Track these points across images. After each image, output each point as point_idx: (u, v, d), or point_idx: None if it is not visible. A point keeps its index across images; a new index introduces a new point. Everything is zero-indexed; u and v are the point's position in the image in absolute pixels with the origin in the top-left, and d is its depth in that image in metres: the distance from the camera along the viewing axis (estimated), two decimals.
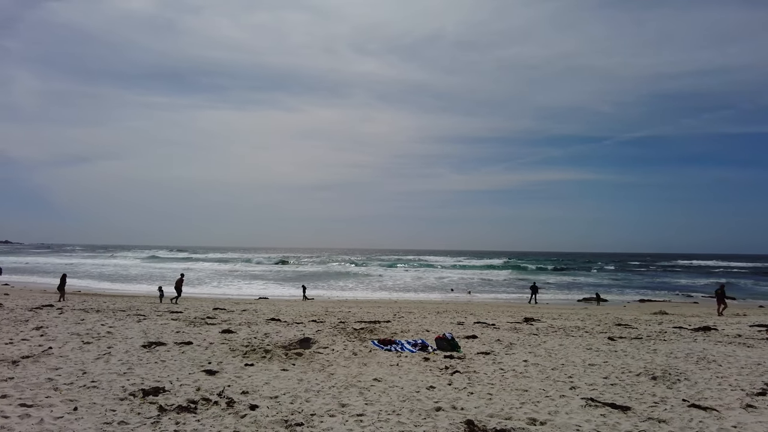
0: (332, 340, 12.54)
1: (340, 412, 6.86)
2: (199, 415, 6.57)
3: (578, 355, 11.47)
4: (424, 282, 49.70)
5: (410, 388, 8.29)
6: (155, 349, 10.83)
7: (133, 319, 15.51)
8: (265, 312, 19.87)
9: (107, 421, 6.19)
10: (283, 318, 17.42)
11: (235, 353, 10.75)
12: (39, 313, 16.58)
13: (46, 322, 14.42)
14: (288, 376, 8.87)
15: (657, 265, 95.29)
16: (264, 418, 6.49)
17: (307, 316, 18.67)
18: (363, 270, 69.43)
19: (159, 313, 17.85)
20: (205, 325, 14.85)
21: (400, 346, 11.69)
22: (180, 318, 16.26)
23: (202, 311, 19.03)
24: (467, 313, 21.46)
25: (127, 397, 7.22)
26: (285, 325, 15.25)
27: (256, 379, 8.63)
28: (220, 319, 16.50)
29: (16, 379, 8.03)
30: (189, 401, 7.07)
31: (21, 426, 5.84)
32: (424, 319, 18.34)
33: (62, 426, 5.93)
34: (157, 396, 7.35)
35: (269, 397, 7.47)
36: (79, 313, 16.70)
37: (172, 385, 8.01)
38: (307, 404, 7.19)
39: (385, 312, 21.12)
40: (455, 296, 37.09)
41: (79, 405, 6.77)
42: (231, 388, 7.93)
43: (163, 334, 12.87)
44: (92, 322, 14.65)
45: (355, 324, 15.86)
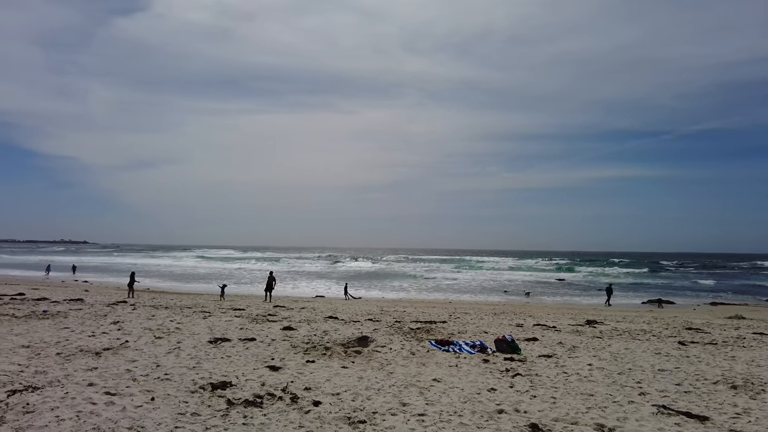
0: (389, 339, 12.60)
1: (401, 411, 6.88)
2: (265, 409, 6.78)
3: (646, 360, 10.94)
4: (478, 283, 48.98)
5: (471, 389, 8.20)
6: (221, 345, 11.29)
7: (199, 316, 16.25)
8: (323, 310, 20.25)
9: (181, 412, 6.51)
10: (340, 316, 17.69)
11: (297, 350, 11.02)
12: (115, 308, 17.72)
13: (122, 317, 15.38)
14: (348, 374, 9.00)
15: (729, 266, 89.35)
16: (327, 415, 6.62)
17: (363, 314, 18.86)
18: (415, 270, 69.32)
19: (223, 310, 18.60)
20: (267, 322, 15.33)
21: (458, 347, 11.58)
22: (243, 315, 16.87)
23: (263, 309, 19.66)
24: (525, 315, 20.97)
25: (198, 390, 7.57)
26: (342, 323, 15.48)
27: (317, 375, 8.81)
28: (280, 316, 16.98)
29: (100, 369, 8.62)
30: (255, 396, 7.31)
31: (107, 412, 6.27)
32: (481, 320, 18.08)
33: (142, 414, 6.30)
34: (224, 390, 7.65)
35: (331, 394, 7.61)
36: (150, 310, 17.69)
37: (238, 379, 8.32)
38: (368, 402, 7.27)
39: (440, 312, 21.01)
40: (511, 298, 36.30)
41: (155, 395, 7.17)
42: (294, 384, 8.14)
43: (228, 330, 13.40)
44: (162, 318, 15.47)
45: (411, 324, 15.86)
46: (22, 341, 10.82)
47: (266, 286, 26.39)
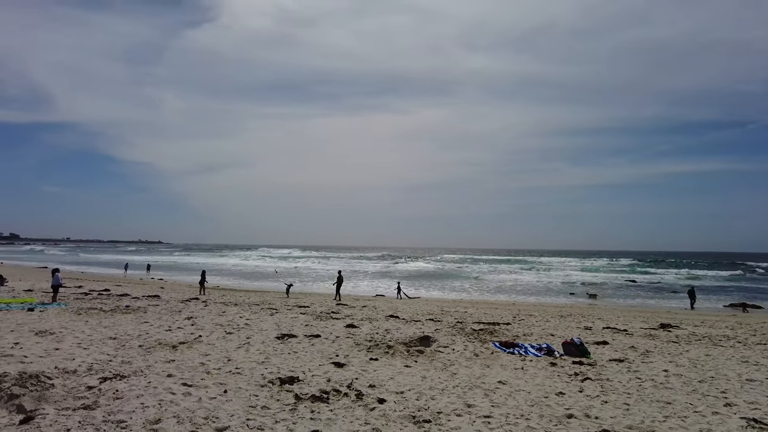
0: (452, 340, 12.51)
1: (466, 412, 6.82)
2: (331, 405, 6.93)
3: (731, 368, 10.19)
4: (543, 284, 47.52)
5: (538, 392, 7.98)
6: (288, 341, 11.65)
7: (267, 313, 16.86)
8: (383, 309, 20.41)
9: (252, 405, 6.78)
10: (401, 315, 17.76)
11: (360, 347, 11.18)
12: (188, 305, 18.73)
13: (195, 313, 16.24)
14: (411, 373, 9.02)
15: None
16: (392, 413, 6.66)
17: (424, 314, 18.83)
18: (476, 270, 68.29)
19: (288, 307, 19.20)
20: (331, 319, 15.67)
21: (524, 350, 11.30)
22: (307, 312, 17.34)
23: (326, 306, 20.10)
24: (594, 318, 20.13)
25: (267, 384, 7.85)
26: (404, 323, 15.53)
27: (381, 373, 8.89)
28: (343, 314, 17.29)
29: (177, 361, 9.15)
30: (321, 391, 7.49)
31: (185, 402, 6.64)
32: (546, 322, 17.55)
33: (216, 406, 6.62)
34: (292, 385, 7.89)
35: (395, 392, 7.66)
36: (220, 306, 18.55)
37: (305, 375, 8.55)
38: (432, 402, 7.25)
39: (503, 314, 20.59)
40: (579, 300, 34.92)
41: (227, 388, 7.52)
42: (359, 381, 8.26)
43: (294, 327, 13.81)
44: (232, 314, 16.19)
45: (473, 325, 15.66)
46: (110, 333, 11.69)
47: (336, 285, 26.87)
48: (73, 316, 14.24)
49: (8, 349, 9.46)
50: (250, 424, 5.97)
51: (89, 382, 7.37)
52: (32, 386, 6.63)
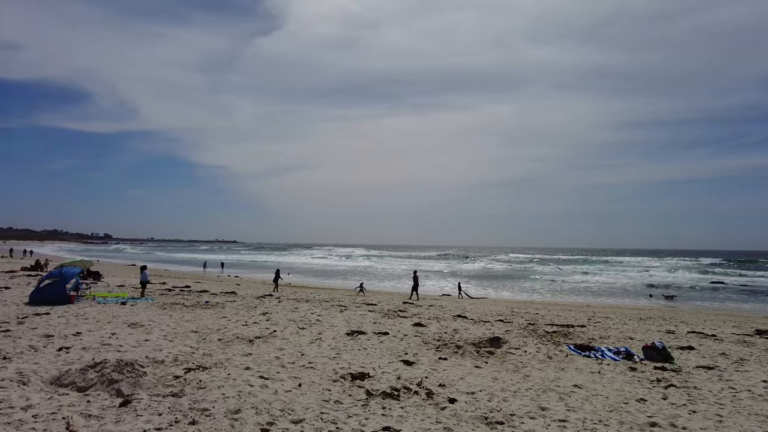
0: (523, 342, 12.19)
1: (540, 416, 6.62)
2: (402, 402, 6.98)
3: None
4: (621, 284, 45.12)
5: (617, 398, 7.60)
6: (357, 338, 11.85)
7: (336, 309, 17.24)
8: (451, 309, 20.24)
9: (325, 399, 6.97)
10: (469, 315, 17.53)
11: (428, 346, 11.17)
12: (263, 301, 19.54)
13: (269, 309, 16.90)
14: (482, 374, 8.89)
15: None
16: (464, 413, 6.60)
17: (493, 315, 18.47)
18: (546, 269, 66.02)
19: (357, 304, 19.52)
20: (398, 317, 15.76)
21: (601, 353, 10.80)
22: (375, 310, 17.54)
23: (393, 304, 20.23)
24: (677, 321, 18.85)
25: (339, 379, 8.04)
26: (472, 323, 15.33)
27: (450, 373, 8.83)
28: (410, 312, 17.33)
29: (254, 355, 9.57)
30: (392, 388, 7.55)
31: (262, 394, 6.95)
32: (624, 325, 16.66)
33: (291, 398, 6.86)
34: (363, 381, 8.02)
35: (466, 393, 7.58)
36: (293, 303, 19.18)
37: (375, 372, 8.66)
38: (504, 404, 7.11)
39: (577, 316, 19.77)
40: (657, 301, 32.82)
41: (302, 382, 7.77)
42: (428, 379, 8.26)
43: (363, 324, 14.03)
44: (304, 310, 16.69)
45: (545, 326, 15.16)
46: (192, 327, 12.43)
47: (413, 284, 26.82)
48: (159, 311, 15.29)
49: (107, 339, 10.33)
50: (323, 417, 6.14)
51: (175, 371, 7.89)
52: (128, 373, 7.19)
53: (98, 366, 7.48)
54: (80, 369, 7.50)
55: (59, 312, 14.02)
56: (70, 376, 7.29)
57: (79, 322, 12.36)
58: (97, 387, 6.84)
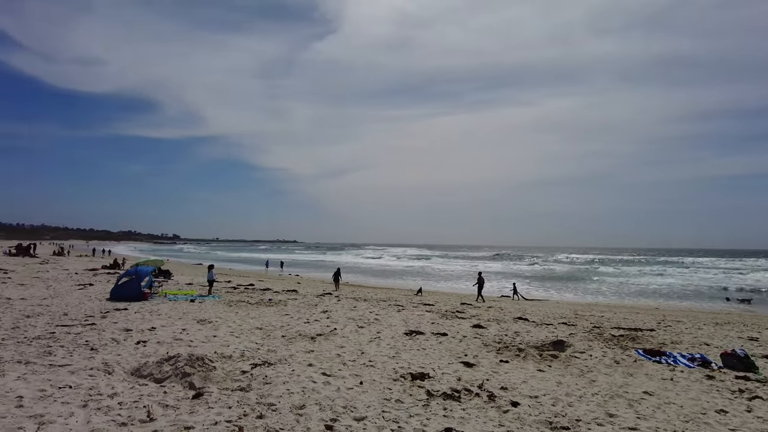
0: (588, 345, 11.75)
1: (608, 422, 6.37)
2: (463, 404, 6.92)
3: None
4: (695, 286, 42.47)
5: (693, 407, 7.18)
6: (416, 338, 11.87)
7: (394, 309, 17.33)
8: (510, 310, 19.82)
9: (386, 397, 7.03)
10: (531, 318, 17.11)
11: (489, 348, 11.00)
12: (323, 299, 19.97)
13: (329, 307, 17.25)
14: (545, 377, 8.66)
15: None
16: (527, 416, 6.46)
17: (556, 317, 17.93)
18: (612, 270, 63.19)
19: (414, 305, 19.53)
20: (456, 318, 15.63)
21: (673, 359, 10.23)
22: (432, 310, 17.49)
23: (450, 305, 20.08)
24: (760, 327, 17.49)
25: (399, 379, 8.08)
26: (534, 325, 14.95)
27: (512, 376, 8.67)
28: (468, 314, 17.14)
29: (316, 352, 9.81)
30: (452, 390, 7.51)
31: (325, 391, 7.11)
32: (698, 330, 15.68)
33: (353, 396, 6.98)
34: (423, 381, 8.03)
35: (529, 396, 7.41)
36: (351, 302, 19.47)
37: (435, 372, 8.64)
38: (570, 408, 6.89)
39: (645, 319, 18.81)
40: (734, 306, 30.58)
41: (363, 380, 7.88)
42: (489, 382, 8.14)
43: (421, 324, 14.02)
44: (362, 309, 16.91)
45: (611, 330, 14.54)
46: (257, 323, 12.91)
47: (478, 285, 26.36)
48: (226, 308, 15.98)
49: (178, 334, 10.93)
50: (385, 416, 6.20)
51: (242, 367, 8.23)
52: (199, 367, 7.58)
53: (172, 360, 7.93)
54: (156, 362, 7.98)
55: (135, 308, 14.97)
56: (148, 368, 7.78)
57: (153, 318, 13.14)
58: (171, 379, 7.26)
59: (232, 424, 5.54)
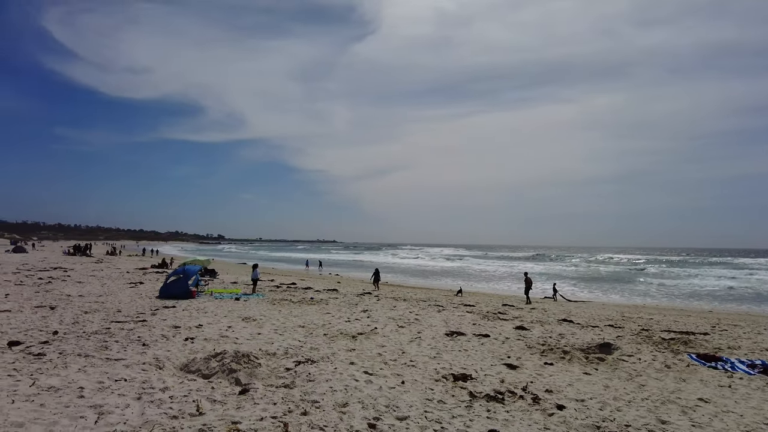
0: (637, 348, 11.34)
1: (660, 429, 6.13)
2: (507, 406, 6.81)
3: None
4: (754, 290, 40.28)
5: (754, 417, 6.80)
6: (457, 339, 11.77)
7: (434, 309, 17.25)
8: (555, 312, 19.37)
9: (428, 398, 7.00)
10: (575, 320, 16.67)
11: (532, 350, 10.79)
12: (363, 299, 20.10)
13: (369, 306, 17.34)
14: (592, 381, 8.41)
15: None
16: (573, 420, 6.30)
17: (602, 319, 17.39)
18: (660, 271, 60.74)
19: (455, 305, 19.38)
20: (498, 320, 15.40)
21: (730, 365, 9.73)
22: (474, 311, 17.30)
23: (492, 306, 19.81)
24: None
25: (441, 379, 8.03)
26: (579, 327, 14.56)
27: (557, 379, 8.46)
28: (510, 315, 16.86)
29: (357, 350, 9.88)
30: (496, 391, 7.40)
31: (367, 389, 7.15)
32: (758, 335, 14.84)
33: (395, 395, 6.99)
34: (465, 382, 7.95)
35: (575, 400, 7.22)
36: (391, 301, 19.51)
37: (477, 373, 8.54)
38: (618, 413, 6.67)
39: (698, 322, 17.99)
40: None
41: (404, 380, 7.88)
42: (534, 384, 7.98)
43: (462, 325, 13.90)
44: (402, 309, 16.91)
45: (661, 333, 13.97)
46: (299, 322, 13.12)
47: (525, 286, 25.45)
48: (269, 306, 16.32)
49: (224, 331, 11.24)
50: (428, 416, 6.18)
51: (286, 364, 8.38)
52: (245, 364, 7.77)
53: (219, 356, 8.16)
54: (204, 358, 8.23)
55: (183, 305, 15.50)
56: (196, 363, 8.03)
57: (200, 315, 13.57)
58: (218, 375, 7.48)
59: (278, 420, 5.66)
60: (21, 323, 11.18)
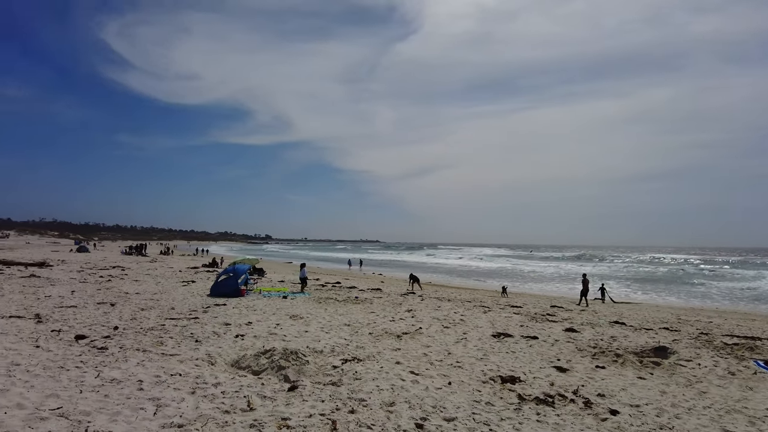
0: (696, 353, 10.78)
1: None
2: (557, 409, 6.63)
3: None
4: None
5: None
6: (504, 340, 11.56)
7: (480, 310, 17.02)
8: (605, 314, 18.72)
9: (476, 399, 6.91)
10: (628, 322, 16.04)
11: (583, 353, 10.47)
12: (407, 298, 20.09)
13: (413, 306, 17.31)
14: (647, 386, 8.07)
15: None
16: (629, 426, 6.06)
17: (656, 322, 16.66)
18: (716, 271, 57.54)
19: (501, 306, 19.06)
20: (547, 321, 15.03)
21: None
22: (521, 313, 16.95)
23: (540, 307, 19.36)
24: None
25: (488, 381, 7.91)
26: (632, 330, 14.00)
27: (610, 383, 8.17)
28: (560, 317, 16.42)
29: (402, 350, 9.88)
30: (545, 395, 7.22)
31: (414, 389, 7.14)
32: None
33: (442, 396, 6.93)
34: (514, 384, 7.80)
35: (629, 405, 6.94)
36: (435, 302, 19.39)
37: (526, 376, 8.36)
38: (677, 421, 6.37)
39: (764, 327, 16.93)
40: None
41: (451, 380, 7.81)
42: (585, 388, 7.74)
43: (509, 326, 13.65)
44: (447, 309, 16.78)
45: (723, 338, 13.24)
46: (344, 320, 13.26)
47: (582, 288, 24.45)
48: (315, 304, 16.57)
49: (273, 329, 11.50)
50: (476, 418, 6.10)
51: (333, 362, 8.47)
52: (293, 361, 7.92)
53: (268, 353, 8.36)
54: (254, 354, 8.45)
55: (233, 303, 15.97)
56: (246, 360, 8.25)
57: (249, 313, 13.94)
58: (268, 372, 7.65)
59: (326, 418, 5.73)
60: (86, 318, 11.84)
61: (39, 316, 11.71)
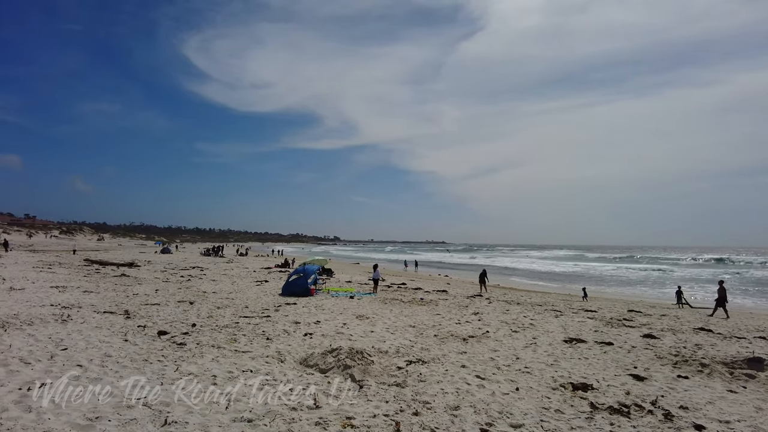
0: None
1: None
2: (633, 420, 6.26)
3: None
4: None
5: None
6: (576, 346, 11.08)
7: (551, 314, 16.41)
8: (690, 320, 17.40)
9: (545, 406, 6.67)
10: (715, 329, 14.83)
11: (663, 361, 9.80)
12: (473, 301, 19.77)
13: (480, 309, 17.01)
14: (739, 400, 7.41)
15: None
16: None
17: (750, 330, 15.27)
18: None
19: (574, 310, 18.27)
20: (623, 326, 14.23)
21: None
22: (595, 317, 16.16)
23: (616, 312, 18.36)
24: None
25: (558, 388, 7.61)
26: (720, 338, 12.93)
27: (693, 394, 7.59)
28: (637, 322, 15.49)
29: (468, 353, 9.74)
30: (620, 404, 6.84)
31: (479, 394, 7.01)
32: None
33: (509, 402, 6.76)
34: (585, 392, 7.45)
35: (717, 420, 6.41)
36: (504, 305, 18.93)
37: (599, 384, 7.96)
38: None
39: None
40: None
41: (519, 386, 7.59)
42: (665, 399, 7.25)
43: (582, 331, 13.06)
44: (515, 313, 16.33)
45: None
46: (410, 322, 13.27)
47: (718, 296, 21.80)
48: (381, 305, 16.71)
49: (340, 328, 11.74)
50: (544, 425, 5.89)
51: (398, 363, 8.51)
52: (359, 360, 8.03)
53: (335, 352, 8.53)
54: (321, 353, 8.66)
55: (303, 302, 16.46)
56: (314, 358, 8.47)
57: (317, 312, 14.31)
58: (334, 370, 7.81)
59: (390, 419, 5.76)
60: (167, 315, 12.68)
61: (128, 313, 12.68)
